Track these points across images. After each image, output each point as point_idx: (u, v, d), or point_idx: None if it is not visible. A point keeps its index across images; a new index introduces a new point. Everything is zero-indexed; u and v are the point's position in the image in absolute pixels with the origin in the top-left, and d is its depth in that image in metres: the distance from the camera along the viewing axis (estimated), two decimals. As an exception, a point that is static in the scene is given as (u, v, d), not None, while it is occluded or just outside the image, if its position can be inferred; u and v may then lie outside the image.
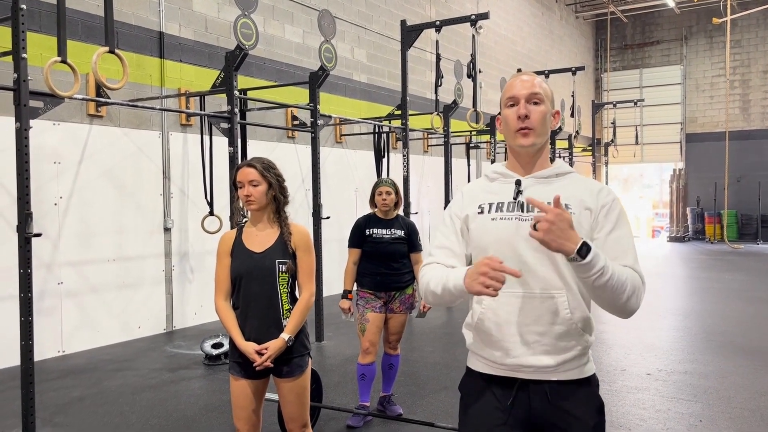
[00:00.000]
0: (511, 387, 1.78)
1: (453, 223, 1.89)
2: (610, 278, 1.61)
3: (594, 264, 1.58)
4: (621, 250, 1.73)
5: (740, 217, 18.75)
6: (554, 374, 1.76)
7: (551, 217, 1.54)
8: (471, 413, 1.85)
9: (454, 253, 1.87)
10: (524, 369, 1.76)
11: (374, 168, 8.96)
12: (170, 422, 4.20)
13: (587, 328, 1.78)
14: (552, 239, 1.55)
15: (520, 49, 15.95)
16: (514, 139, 1.81)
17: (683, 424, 4.07)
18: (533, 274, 1.73)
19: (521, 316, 1.74)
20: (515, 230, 1.76)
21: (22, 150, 3.94)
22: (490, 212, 1.81)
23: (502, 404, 1.78)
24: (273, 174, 2.70)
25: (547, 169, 1.84)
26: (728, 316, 7.53)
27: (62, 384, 5.07)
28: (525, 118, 1.77)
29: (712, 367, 5.39)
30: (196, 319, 7.28)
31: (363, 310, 4.12)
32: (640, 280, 1.71)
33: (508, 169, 1.88)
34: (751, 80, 19.24)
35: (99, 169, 6.32)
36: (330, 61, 6.24)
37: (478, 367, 1.86)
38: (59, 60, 3.89)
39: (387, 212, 4.18)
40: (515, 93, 1.80)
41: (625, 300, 1.66)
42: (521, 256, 1.74)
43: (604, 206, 1.77)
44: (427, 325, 6.99)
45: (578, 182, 1.84)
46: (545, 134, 1.82)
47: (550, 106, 1.83)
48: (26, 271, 3.95)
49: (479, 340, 1.84)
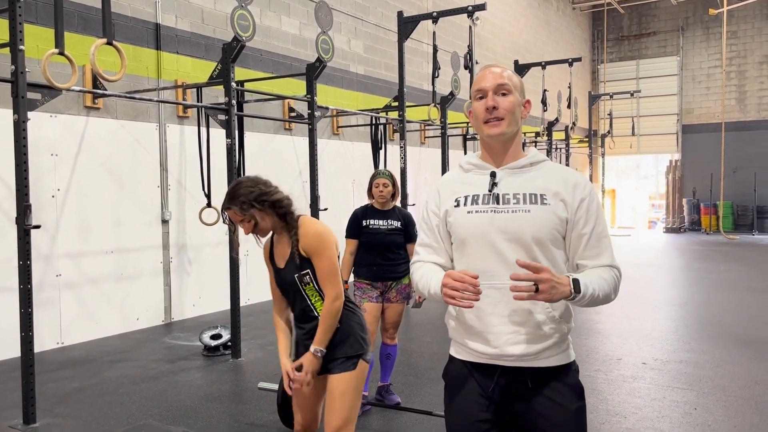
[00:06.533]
0: (493, 374, 1.82)
1: (430, 219, 1.94)
2: (598, 296, 1.72)
3: (584, 294, 1.68)
4: (601, 248, 1.81)
5: (736, 208, 18.81)
6: (535, 361, 1.80)
7: (548, 276, 1.61)
8: (455, 400, 1.89)
9: (435, 250, 1.93)
10: (505, 357, 1.80)
11: (371, 160, 8.97)
12: (170, 412, 4.23)
13: (565, 315, 1.83)
14: (555, 294, 1.63)
15: (516, 41, 15.94)
16: (483, 130, 1.84)
17: (678, 412, 4.11)
18: (510, 266, 1.75)
19: (500, 307, 1.78)
20: (490, 222, 1.79)
21: (20, 142, 3.95)
22: (465, 205, 1.84)
23: (484, 391, 1.82)
24: (255, 202, 2.52)
25: (521, 159, 1.86)
26: (724, 307, 7.58)
27: (61, 375, 5.09)
28: (493, 109, 1.80)
29: (707, 356, 5.43)
30: (194, 310, 7.31)
31: (360, 300, 4.15)
32: (617, 277, 1.81)
33: (482, 160, 1.90)
34: (748, 71, 19.26)
35: (96, 161, 6.32)
36: (327, 52, 6.24)
37: (460, 355, 1.90)
38: (57, 52, 3.89)
39: (384, 203, 4.20)
40: (483, 85, 1.83)
41: (607, 300, 1.78)
42: (497, 248, 1.78)
43: (583, 200, 1.81)
44: (424, 315, 7.02)
45: (552, 172, 1.86)
46: (515, 124, 1.84)
47: (519, 97, 1.85)
48: (26, 263, 3.96)
49: (461, 330, 1.87)
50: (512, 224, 1.75)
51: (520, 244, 1.75)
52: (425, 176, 11.60)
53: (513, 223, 1.76)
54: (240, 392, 4.68)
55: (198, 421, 4.06)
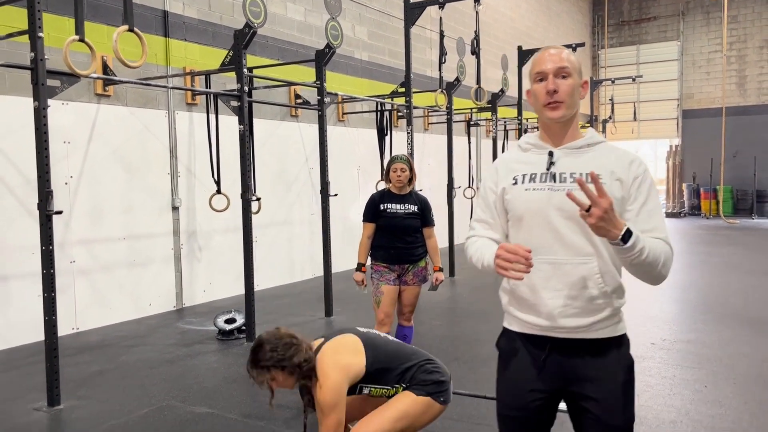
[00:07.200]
0: (544, 345, 1.88)
1: (487, 196, 2.00)
2: (647, 256, 1.71)
3: (634, 247, 1.67)
4: (653, 223, 1.81)
5: (736, 193, 18.90)
6: (586, 333, 1.85)
7: (606, 205, 1.61)
8: (507, 370, 1.96)
9: (491, 225, 1.99)
10: (556, 329, 1.86)
11: (376, 146, 9.02)
12: (191, 394, 4.31)
13: (617, 292, 1.88)
14: (602, 226, 1.63)
15: (518, 26, 15.92)
16: (544, 113, 1.88)
17: (689, 389, 4.20)
18: (565, 242, 1.82)
19: (553, 281, 1.84)
20: (547, 200, 1.84)
21: (41, 129, 3.99)
22: (523, 183, 1.90)
23: (535, 361, 1.89)
24: (272, 365, 2.62)
25: (579, 140, 1.91)
26: (727, 288, 7.68)
27: (80, 359, 5.16)
28: (554, 93, 1.84)
29: (714, 336, 5.53)
30: (204, 296, 7.38)
31: (378, 282, 4.23)
32: (670, 251, 1.80)
33: (540, 140, 1.95)
34: (748, 56, 19.27)
35: (107, 149, 6.36)
36: (336, 38, 6.27)
37: (513, 327, 1.97)
38: (77, 38, 3.93)
39: (401, 188, 4.26)
40: (544, 68, 1.86)
41: (657, 271, 1.77)
42: (553, 224, 1.83)
43: (636, 178, 1.84)
44: (433, 299, 7.10)
45: (609, 152, 1.90)
46: (574, 106, 1.88)
47: (578, 78, 1.89)
48: (48, 248, 4.02)
49: (514, 303, 1.94)
50: (568, 202, 1.79)
51: (574, 221, 1.79)
52: (429, 162, 11.64)
53: (569, 202, 1.80)
54: (258, 374, 4.75)
55: (219, 402, 4.14)
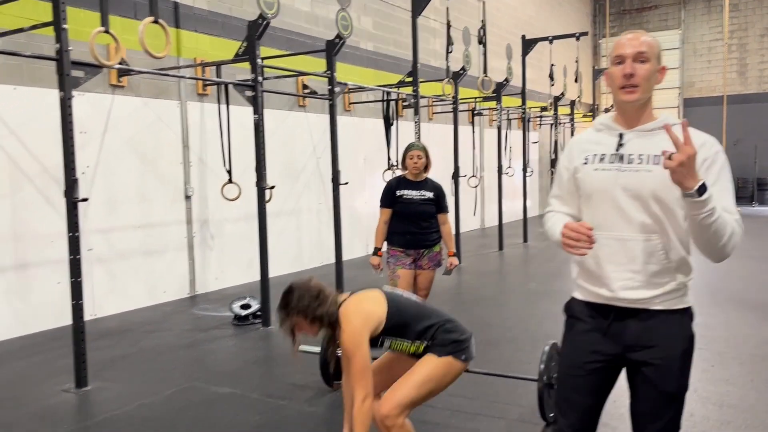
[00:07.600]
0: (608, 314, 2.01)
1: (562, 174, 2.16)
2: (716, 220, 1.75)
3: (706, 203, 1.72)
4: (723, 203, 1.83)
5: (736, 181, 19.01)
6: (649, 304, 1.96)
7: (690, 152, 1.68)
8: (572, 332, 2.12)
9: (565, 201, 2.16)
10: (621, 300, 1.98)
11: (382, 135, 9.11)
12: (213, 376, 4.44)
13: (682, 268, 1.95)
14: (680, 171, 1.69)
15: (520, 16, 15.97)
16: (619, 95, 1.97)
17: (697, 369, 4.29)
18: (629, 219, 1.93)
19: (618, 256, 1.96)
20: (614, 180, 1.96)
21: (66, 119, 4.10)
22: (593, 163, 2.02)
23: (599, 328, 2.03)
24: (296, 312, 2.61)
25: (651, 122, 1.99)
26: (730, 273, 7.81)
27: (102, 344, 5.29)
28: (630, 77, 1.92)
29: (718, 318, 5.67)
30: (217, 283, 7.51)
31: (394, 267, 4.35)
32: (739, 231, 1.84)
33: (614, 122, 2.05)
34: (749, 44, 19.34)
35: (122, 139, 6.46)
36: (347, 29, 6.36)
37: (580, 296, 2.11)
38: (103, 30, 4.03)
39: (417, 175, 4.39)
40: (623, 51, 1.94)
41: (723, 243, 1.80)
42: (618, 203, 1.95)
43: (707, 159, 1.88)
44: (438, 286, 7.23)
45: (681, 134, 1.96)
46: (649, 90, 1.97)
47: (656, 63, 1.96)
48: (74, 234, 4.14)
49: (582, 274, 2.09)
50: (633, 182, 1.88)
51: (639, 201, 1.90)
52: (433, 151, 11.70)
53: (634, 182, 1.89)
54: (277, 357, 4.89)
55: (242, 383, 4.27)
